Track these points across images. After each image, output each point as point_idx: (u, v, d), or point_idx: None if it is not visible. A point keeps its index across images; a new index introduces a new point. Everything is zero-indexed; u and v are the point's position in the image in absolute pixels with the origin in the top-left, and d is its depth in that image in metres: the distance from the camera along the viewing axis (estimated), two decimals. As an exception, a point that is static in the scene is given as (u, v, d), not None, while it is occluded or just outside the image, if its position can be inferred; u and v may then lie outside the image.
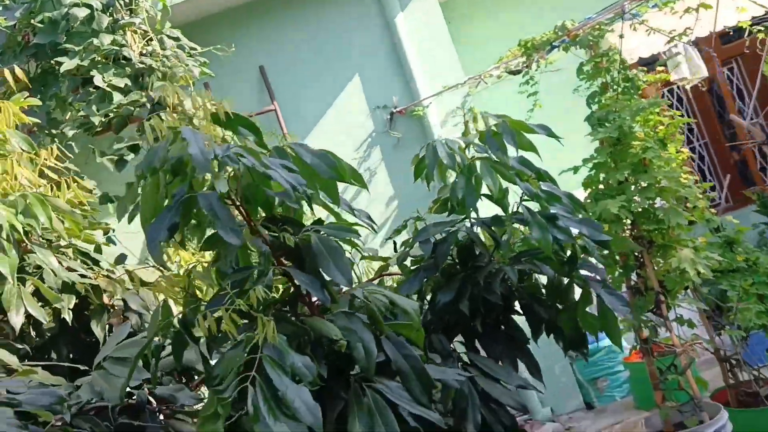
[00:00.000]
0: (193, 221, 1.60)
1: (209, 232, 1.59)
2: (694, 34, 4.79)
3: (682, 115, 4.37)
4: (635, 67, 4.56)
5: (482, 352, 2.10)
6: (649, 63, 5.58)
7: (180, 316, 1.53)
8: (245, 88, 5.70)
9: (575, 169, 4.04)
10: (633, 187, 4.01)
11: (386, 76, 5.80)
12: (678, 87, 7.16)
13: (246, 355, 1.37)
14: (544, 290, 2.21)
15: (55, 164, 2.32)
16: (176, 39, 4.86)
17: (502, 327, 2.07)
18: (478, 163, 1.97)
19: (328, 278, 1.51)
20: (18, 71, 2.57)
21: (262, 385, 1.30)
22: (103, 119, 4.57)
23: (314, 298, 1.61)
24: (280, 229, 1.51)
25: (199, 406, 2.17)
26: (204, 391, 2.35)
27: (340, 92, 5.86)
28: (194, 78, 4.53)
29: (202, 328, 1.37)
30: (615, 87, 4.25)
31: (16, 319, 2.00)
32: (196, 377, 2.39)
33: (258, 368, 1.33)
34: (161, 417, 2.13)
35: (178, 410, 2.12)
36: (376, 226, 1.68)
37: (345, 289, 1.54)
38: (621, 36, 4.27)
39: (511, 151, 2.04)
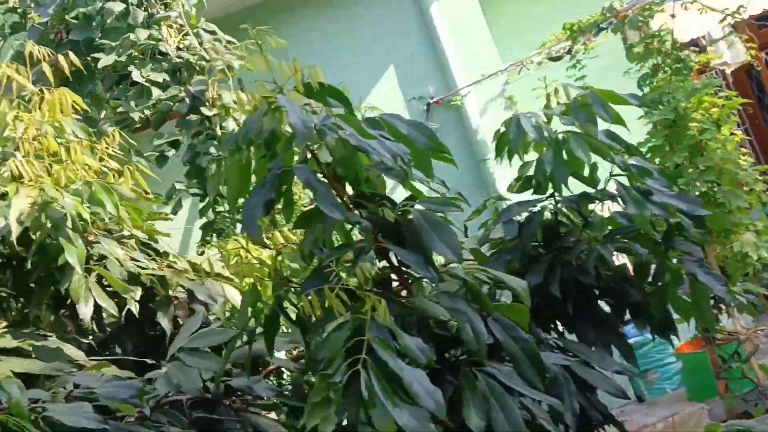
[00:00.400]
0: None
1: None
2: (733, 18, 4.65)
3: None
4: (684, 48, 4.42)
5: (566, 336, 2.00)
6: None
7: (274, 299, 1.44)
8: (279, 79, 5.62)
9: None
10: (690, 170, 3.88)
11: (421, 66, 5.69)
12: (716, 72, 6.99)
13: (350, 337, 1.27)
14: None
15: (115, 152, 2.25)
16: (212, 32, 4.79)
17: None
18: (563, 136, 1.86)
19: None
20: (72, 57, 2.50)
21: (375, 369, 1.20)
22: (142, 115, 4.51)
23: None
24: (378, 204, 1.42)
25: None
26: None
27: (374, 84, 5.76)
28: (234, 71, 4.46)
29: (306, 307, 1.28)
30: (666, 68, 4.11)
31: (85, 310, 1.93)
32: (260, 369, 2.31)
33: (367, 351, 1.24)
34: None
35: (251, 403, 2.03)
36: (467, 203, 1.58)
37: (452, 264, 1.44)
38: (672, 15, 4.14)
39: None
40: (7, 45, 5.14)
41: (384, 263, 1.53)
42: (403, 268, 1.50)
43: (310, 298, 1.36)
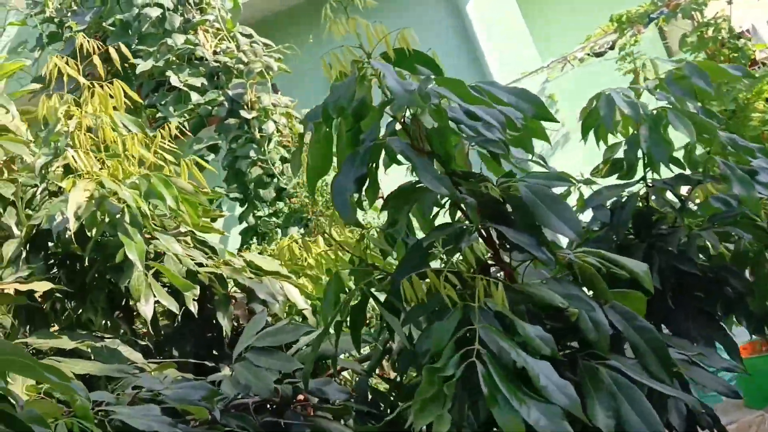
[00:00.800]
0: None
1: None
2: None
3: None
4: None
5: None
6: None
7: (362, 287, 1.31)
8: (314, 84, 5.53)
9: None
10: (753, 163, 3.70)
11: (458, 65, 5.57)
12: (759, 65, 6.77)
13: (458, 326, 1.14)
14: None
15: (170, 146, 2.15)
16: (249, 36, 4.73)
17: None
18: (658, 112, 1.72)
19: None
20: (123, 48, 2.41)
21: (492, 361, 1.06)
22: (180, 120, 4.45)
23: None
24: (478, 179, 1.28)
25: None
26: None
27: (410, 86, 5.65)
28: (273, 73, 4.39)
29: (410, 294, 1.15)
30: (722, 58, 3.94)
31: (146, 309, 1.81)
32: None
33: (480, 341, 1.10)
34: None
35: (317, 406, 1.90)
36: (574, 180, 1.44)
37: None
38: (729, 2, 3.97)
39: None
40: (44, 55, 5.13)
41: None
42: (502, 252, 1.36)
43: (410, 284, 1.22)
